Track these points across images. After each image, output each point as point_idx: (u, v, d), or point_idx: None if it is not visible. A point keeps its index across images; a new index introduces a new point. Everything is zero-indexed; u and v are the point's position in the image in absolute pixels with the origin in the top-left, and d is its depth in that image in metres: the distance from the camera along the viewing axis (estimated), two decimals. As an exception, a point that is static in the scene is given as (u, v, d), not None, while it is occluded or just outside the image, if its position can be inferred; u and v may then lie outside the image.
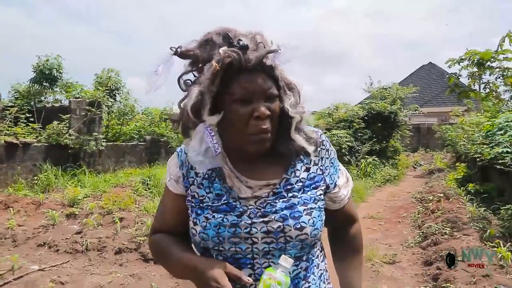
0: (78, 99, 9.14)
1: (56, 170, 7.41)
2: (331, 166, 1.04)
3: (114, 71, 11.11)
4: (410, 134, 14.75)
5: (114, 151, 9.81)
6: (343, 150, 10.34)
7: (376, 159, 10.92)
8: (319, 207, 0.97)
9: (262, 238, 0.91)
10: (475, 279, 3.04)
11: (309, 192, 0.96)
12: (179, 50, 0.94)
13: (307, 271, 0.96)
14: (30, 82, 10.58)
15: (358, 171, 10.12)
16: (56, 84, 10.82)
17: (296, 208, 0.92)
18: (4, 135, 7.21)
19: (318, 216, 0.95)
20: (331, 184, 1.03)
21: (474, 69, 10.97)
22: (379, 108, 12.30)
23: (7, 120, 7.91)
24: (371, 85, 14.82)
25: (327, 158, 1.03)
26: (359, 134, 11.63)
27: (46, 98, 11.01)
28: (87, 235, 4.29)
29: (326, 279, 1.05)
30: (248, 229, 0.91)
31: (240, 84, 0.90)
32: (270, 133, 0.92)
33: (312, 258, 0.99)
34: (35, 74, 10.48)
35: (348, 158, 10.53)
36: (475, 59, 10.65)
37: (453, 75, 11.74)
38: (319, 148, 1.02)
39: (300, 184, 0.96)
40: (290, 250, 0.91)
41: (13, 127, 7.65)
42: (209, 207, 0.95)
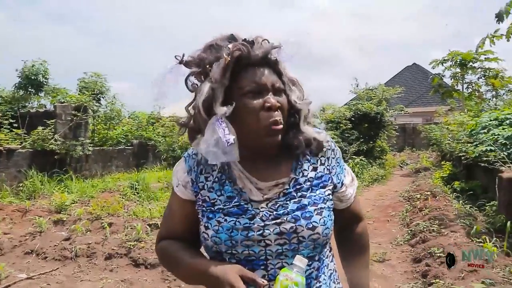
0: (64, 104, 9.02)
1: (42, 176, 7.29)
2: (337, 166, 1.05)
3: (98, 75, 10.99)
4: (396, 134, 14.97)
5: (101, 156, 9.71)
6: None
7: (363, 159, 11.04)
8: (328, 206, 0.98)
9: (275, 240, 0.91)
10: (463, 275, 3.10)
11: (317, 191, 0.97)
12: (184, 58, 0.96)
13: (318, 270, 0.97)
14: (14, 88, 10.35)
15: (346, 172, 10.18)
16: (42, 90, 10.64)
17: (307, 209, 0.93)
18: (-12, 142, 7.07)
19: (328, 215, 0.96)
20: (338, 183, 1.04)
21: (457, 69, 11.21)
22: (365, 109, 12.45)
23: (-10, 126, 7.76)
24: (357, 86, 15.02)
25: (333, 158, 1.04)
26: (346, 135, 11.74)
27: (30, 103, 10.82)
28: (75, 242, 4.22)
29: (336, 278, 1.06)
30: (261, 231, 0.91)
31: (248, 77, 0.92)
32: (282, 123, 0.93)
33: (323, 258, 1.00)
34: (20, 79, 10.27)
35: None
36: (457, 60, 10.89)
37: (436, 76, 11.98)
38: (325, 148, 1.02)
39: (308, 183, 0.97)
40: (303, 250, 0.92)
41: (-4, 133, 7.51)
42: (220, 211, 0.94)
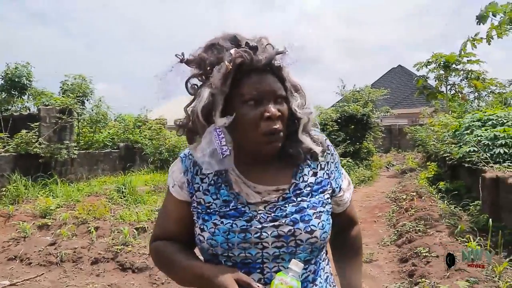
0: (48, 107, 8.88)
1: (25, 181, 7.15)
2: (336, 170, 1.05)
3: (82, 77, 10.87)
4: (382, 135, 15.16)
5: (86, 159, 9.58)
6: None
7: (350, 160, 11.14)
8: (327, 210, 0.97)
9: (272, 242, 0.90)
10: (448, 274, 3.16)
11: (317, 196, 0.97)
12: (185, 57, 0.94)
13: (315, 274, 0.97)
14: (-3, 90, 10.20)
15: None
16: (25, 92, 10.48)
17: (305, 212, 0.93)
18: (-31, 146, 6.92)
19: (327, 219, 0.96)
20: (337, 188, 1.04)
21: (441, 71, 11.42)
22: (351, 111, 12.58)
23: (-28, 130, 7.60)
24: (343, 88, 15.17)
25: (332, 163, 1.04)
26: (333, 137, 11.83)
27: (13, 106, 10.63)
28: (61, 246, 4.16)
29: (332, 281, 1.06)
30: (258, 234, 0.90)
31: (250, 84, 0.90)
32: (282, 132, 0.92)
33: (320, 261, 1.00)
34: (3, 82, 10.11)
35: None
36: (441, 62, 11.10)
37: (421, 78, 12.17)
38: (325, 153, 1.02)
39: (308, 188, 0.97)
40: (300, 254, 0.92)
41: (-22, 137, 7.36)
42: (216, 213, 0.93)
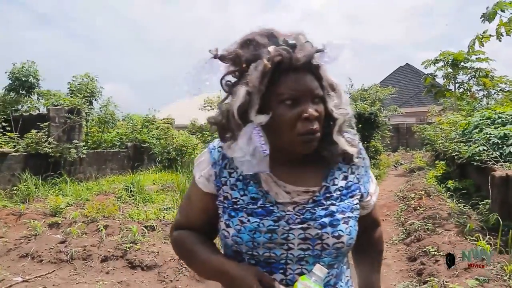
0: (57, 107, 8.98)
1: (36, 180, 7.24)
2: (365, 175, 1.03)
3: (89, 77, 10.95)
4: (390, 134, 15.06)
5: (95, 159, 9.67)
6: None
7: (358, 159, 11.07)
8: (355, 216, 0.96)
9: (298, 244, 0.89)
10: (457, 272, 3.14)
11: (346, 201, 0.95)
12: (218, 52, 0.91)
13: (337, 278, 0.97)
14: (5, 90, 10.27)
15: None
16: (33, 92, 10.55)
17: (335, 216, 0.91)
18: (-19, 145, 7.02)
19: (354, 225, 0.94)
20: (365, 193, 1.02)
21: (449, 69, 11.31)
22: (359, 110, 12.51)
23: (-17, 130, 7.71)
24: (351, 87, 15.10)
25: (363, 167, 1.03)
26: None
27: (23, 107, 10.75)
28: (71, 244, 4.21)
29: (350, 285, 1.06)
30: (285, 235, 0.89)
31: (288, 84, 0.87)
32: (318, 133, 0.89)
33: (342, 265, 1.00)
34: (11, 81, 10.19)
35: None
36: (449, 60, 10.99)
37: (429, 76, 12.06)
38: (357, 157, 1.00)
39: (338, 192, 0.95)
40: (325, 257, 0.91)
41: (-11, 137, 7.46)
42: (243, 210, 0.92)
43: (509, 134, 5.47)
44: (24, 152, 7.68)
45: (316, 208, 0.91)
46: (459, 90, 11.66)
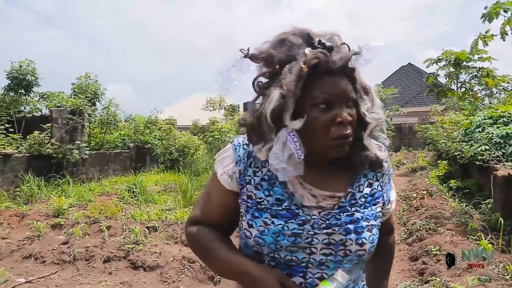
0: (60, 108, 9.01)
1: (38, 181, 7.28)
2: (388, 183, 1.03)
3: (92, 78, 10.97)
4: (393, 134, 15.05)
5: (98, 160, 9.70)
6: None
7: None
8: (377, 224, 0.95)
9: (321, 249, 0.89)
10: (459, 272, 3.14)
11: (369, 208, 0.95)
12: (250, 52, 0.89)
13: (354, 283, 0.97)
14: (4, 90, 10.12)
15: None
16: (32, 90, 10.42)
17: (359, 223, 0.91)
18: (-16, 147, 7.06)
19: (376, 233, 0.94)
20: (387, 201, 1.02)
21: (451, 69, 11.28)
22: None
23: (-14, 131, 7.74)
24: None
25: (387, 175, 1.02)
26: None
27: (25, 108, 10.76)
28: (74, 245, 4.22)
29: None
30: (309, 239, 0.88)
31: (323, 87, 0.84)
32: (351, 137, 0.88)
33: (360, 270, 1.00)
34: (9, 81, 10.07)
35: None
36: (451, 60, 10.96)
37: (431, 75, 12.04)
38: (386, 161, 0.99)
39: (363, 199, 0.94)
40: (346, 264, 0.90)
41: (-8, 138, 7.50)
42: (268, 211, 0.90)
43: (511, 133, 5.46)
44: (27, 153, 7.72)
45: (341, 214, 0.91)
46: (461, 89, 11.63)
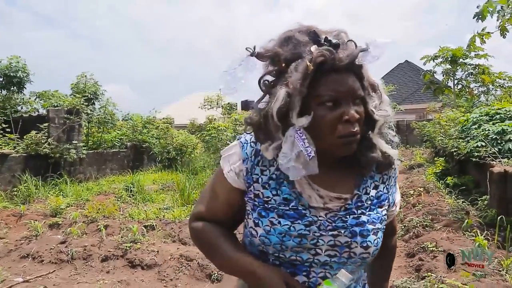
0: (56, 108, 8.99)
1: (36, 181, 7.27)
2: (394, 185, 1.02)
3: (91, 78, 10.92)
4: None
5: (95, 159, 9.69)
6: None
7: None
8: (382, 227, 0.95)
9: (326, 250, 0.89)
10: (455, 267, 3.15)
11: (375, 211, 0.94)
12: (256, 50, 0.88)
13: (357, 282, 0.98)
14: (-4, 89, 10.02)
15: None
16: (25, 87, 10.31)
17: (365, 226, 0.91)
18: (-19, 147, 7.04)
19: (381, 237, 0.94)
20: (392, 203, 1.02)
21: (448, 66, 11.31)
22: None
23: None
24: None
25: (393, 177, 1.01)
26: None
27: (22, 108, 10.71)
28: (72, 244, 4.23)
29: None
30: (315, 240, 0.88)
31: (329, 85, 0.83)
32: (359, 135, 0.87)
33: (362, 271, 1.01)
34: (0, 79, 9.88)
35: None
36: (448, 56, 10.99)
37: (428, 72, 12.06)
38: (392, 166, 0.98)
39: (369, 202, 0.94)
40: (349, 265, 0.91)
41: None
42: (274, 210, 0.90)
43: (507, 129, 5.48)
44: (24, 153, 7.71)
45: (347, 216, 0.91)
46: (457, 87, 11.66)
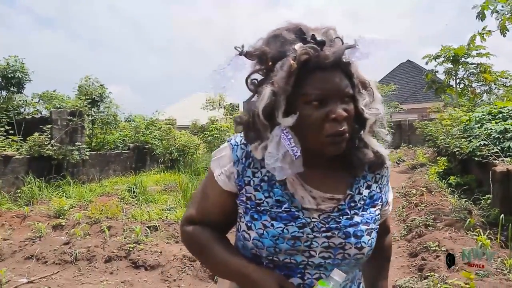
0: (59, 109, 9.02)
1: (39, 182, 7.30)
2: (386, 184, 1.01)
3: (96, 80, 10.95)
4: (392, 131, 15.03)
5: (98, 160, 9.72)
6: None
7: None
8: (376, 227, 0.94)
9: (320, 252, 0.88)
10: (457, 267, 3.15)
11: (368, 211, 0.93)
12: (244, 49, 0.88)
13: (352, 282, 0.98)
14: (-4, 91, 9.99)
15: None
16: (25, 87, 10.31)
17: (359, 227, 0.90)
18: (-16, 149, 7.08)
19: (375, 237, 0.93)
20: (385, 202, 1.01)
21: (450, 65, 11.29)
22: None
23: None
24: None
25: (385, 176, 1.00)
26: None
27: (25, 110, 10.75)
28: (75, 245, 4.25)
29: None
30: (309, 242, 0.87)
31: (315, 84, 0.82)
32: (347, 133, 0.85)
33: (357, 270, 1.01)
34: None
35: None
36: (450, 56, 10.97)
37: (430, 72, 12.04)
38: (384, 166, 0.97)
39: (362, 202, 0.93)
40: (343, 266, 0.90)
41: (-8, 141, 7.52)
42: (267, 213, 0.88)
43: (509, 128, 5.47)
44: (27, 155, 7.74)
45: (341, 217, 0.90)
46: (459, 86, 11.64)
